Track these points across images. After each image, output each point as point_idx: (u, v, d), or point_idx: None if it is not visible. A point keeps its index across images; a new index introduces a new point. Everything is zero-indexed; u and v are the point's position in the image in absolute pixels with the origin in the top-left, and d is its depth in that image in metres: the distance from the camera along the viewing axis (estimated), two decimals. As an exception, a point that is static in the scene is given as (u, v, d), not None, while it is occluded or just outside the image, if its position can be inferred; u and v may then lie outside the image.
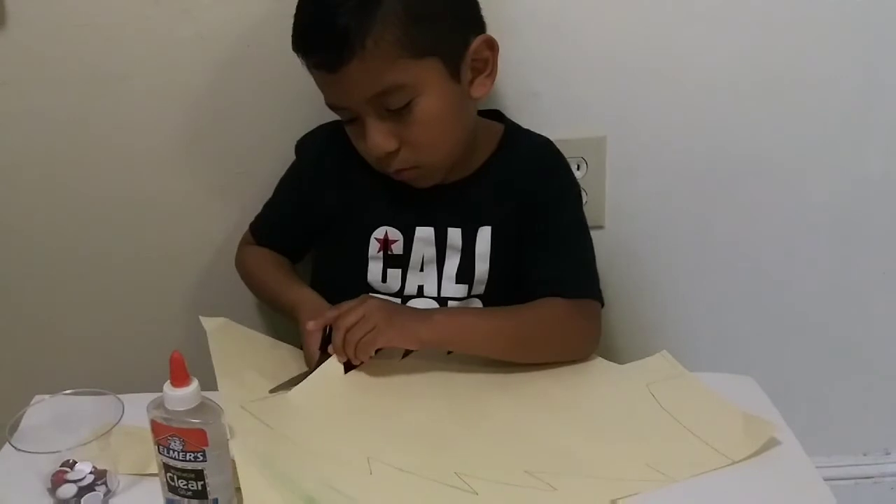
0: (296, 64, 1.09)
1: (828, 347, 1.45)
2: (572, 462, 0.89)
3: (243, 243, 1.24)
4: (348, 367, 1.01)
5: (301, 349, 1.07)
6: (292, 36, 1.01)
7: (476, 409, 0.97)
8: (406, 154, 1.02)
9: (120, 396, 0.88)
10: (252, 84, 1.22)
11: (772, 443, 0.90)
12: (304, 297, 1.08)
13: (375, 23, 0.93)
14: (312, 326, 1.00)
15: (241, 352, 1.03)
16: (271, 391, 0.97)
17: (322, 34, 0.96)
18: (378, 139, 1.00)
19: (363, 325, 0.96)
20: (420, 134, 1.00)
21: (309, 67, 1.01)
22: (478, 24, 1.04)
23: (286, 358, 1.05)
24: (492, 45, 1.03)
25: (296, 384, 0.98)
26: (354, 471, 0.86)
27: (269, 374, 0.99)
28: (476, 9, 1.05)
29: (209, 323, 1.04)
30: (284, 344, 1.09)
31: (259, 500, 0.80)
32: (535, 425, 0.95)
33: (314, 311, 1.03)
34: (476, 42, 1.02)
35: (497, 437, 0.93)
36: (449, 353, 1.06)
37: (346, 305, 0.99)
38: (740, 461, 0.88)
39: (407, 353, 1.05)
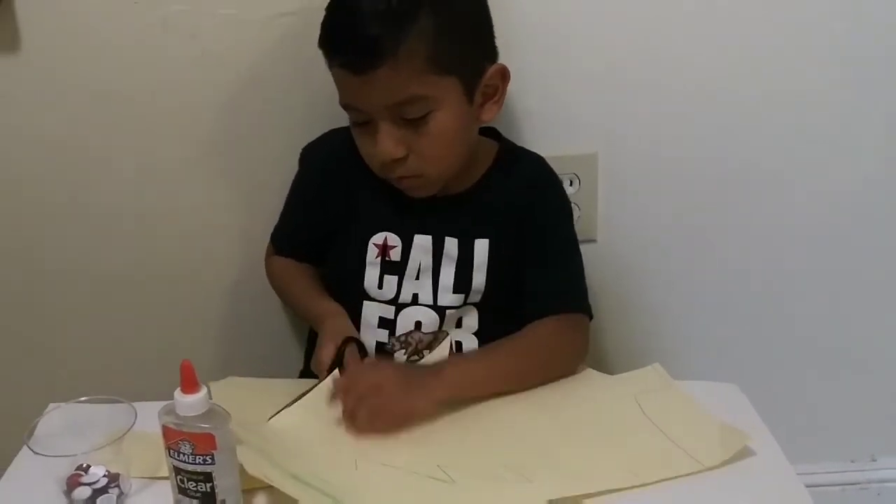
0: (299, 81, 1.12)
1: (816, 356, 1.48)
2: (550, 459, 0.93)
3: (268, 255, 1.26)
4: None
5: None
6: (322, 34, 1.03)
7: (465, 414, 1.01)
8: (412, 163, 1.05)
9: (133, 404, 0.91)
10: (258, 102, 1.24)
11: (747, 451, 0.93)
12: (327, 312, 1.11)
13: (410, 35, 0.97)
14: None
15: (242, 397, 1.01)
16: (270, 418, 0.98)
17: (356, 38, 0.99)
18: (389, 145, 1.03)
19: (375, 395, 0.96)
20: (430, 146, 1.04)
21: (332, 65, 1.03)
22: (493, 53, 1.09)
23: (292, 392, 1.04)
24: (504, 75, 1.08)
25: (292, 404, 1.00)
26: (340, 468, 0.90)
27: (272, 408, 0.99)
28: (493, 38, 1.09)
29: (216, 386, 1.03)
30: (291, 380, 1.10)
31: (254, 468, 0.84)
32: (521, 426, 0.99)
33: (336, 327, 1.06)
34: (491, 70, 1.07)
35: (482, 436, 0.97)
36: None
37: (361, 370, 1.00)
38: (714, 467, 0.91)
39: None
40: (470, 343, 1.14)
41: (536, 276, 1.14)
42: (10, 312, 1.35)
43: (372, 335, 1.14)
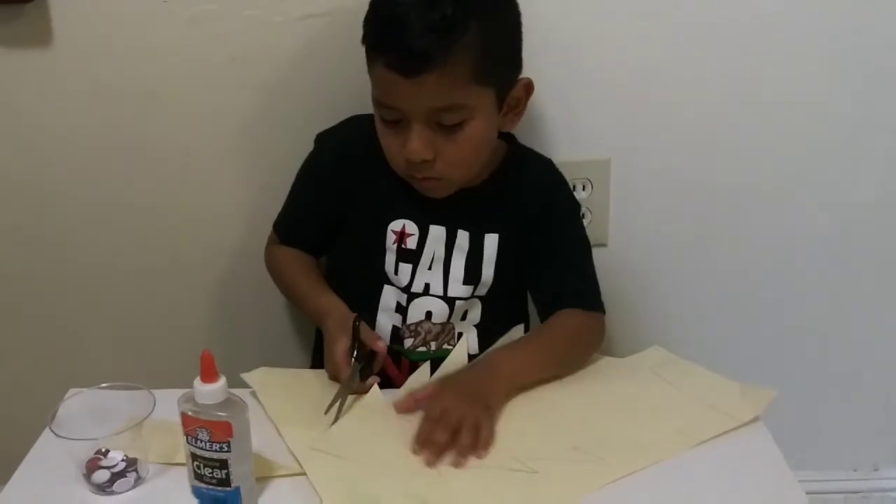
0: (324, 82, 1.12)
1: (820, 365, 1.49)
2: (609, 436, 0.99)
3: (270, 243, 1.26)
4: (384, 385, 1.06)
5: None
6: (371, 32, 1.05)
7: (513, 406, 1.04)
8: (439, 166, 1.07)
9: (152, 391, 0.92)
10: (282, 102, 1.27)
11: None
12: (331, 307, 1.13)
13: (460, 46, 1.00)
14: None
15: (287, 394, 1.06)
16: (326, 413, 1.00)
17: (409, 46, 1.00)
18: (420, 146, 1.05)
19: (471, 419, 0.97)
20: (459, 152, 1.06)
21: (376, 64, 1.04)
22: (521, 67, 1.12)
23: (327, 382, 1.08)
24: (528, 89, 1.12)
25: (341, 397, 1.01)
26: (424, 475, 0.93)
27: (319, 403, 1.02)
28: (521, 52, 1.12)
29: (252, 378, 1.05)
30: (321, 370, 1.11)
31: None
32: (568, 411, 1.04)
33: (340, 323, 1.07)
34: (519, 83, 1.10)
35: (539, 424, 1.02)
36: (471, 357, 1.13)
37: (434, 402, 1.00)
38: (748, 422, 1.00)
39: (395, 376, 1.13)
40: (470, 335, 1.18)
41: (552, 276, 1.17)
42: (36, 302, 1.38)
43: (389, 318, 1.17)
